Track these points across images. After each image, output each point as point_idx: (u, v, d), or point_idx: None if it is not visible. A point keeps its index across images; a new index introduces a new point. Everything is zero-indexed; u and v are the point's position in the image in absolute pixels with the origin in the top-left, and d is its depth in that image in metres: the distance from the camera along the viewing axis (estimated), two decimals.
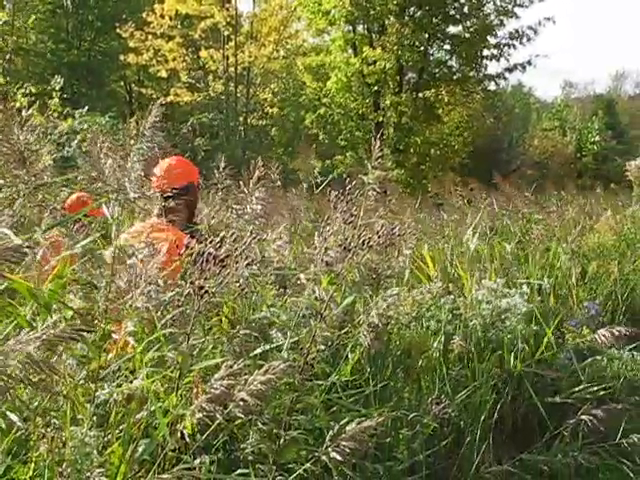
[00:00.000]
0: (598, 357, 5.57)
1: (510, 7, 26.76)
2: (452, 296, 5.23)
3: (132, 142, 3.03)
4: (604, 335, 5.62)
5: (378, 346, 3.64)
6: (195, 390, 2.58)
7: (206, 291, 2.63)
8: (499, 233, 7.68)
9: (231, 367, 2.39)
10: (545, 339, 5.25)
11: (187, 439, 2.57)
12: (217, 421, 2.44)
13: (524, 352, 5.06)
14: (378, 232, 2.95)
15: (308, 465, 2.75)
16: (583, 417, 4.40)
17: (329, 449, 2.61)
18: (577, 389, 5.06)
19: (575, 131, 53.30)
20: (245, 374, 2.43)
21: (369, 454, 3.33)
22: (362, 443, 2.59)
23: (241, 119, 32.32)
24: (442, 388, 4.27)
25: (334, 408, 3.32)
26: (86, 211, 3.41)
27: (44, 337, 2.04)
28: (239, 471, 2.87)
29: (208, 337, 2.96)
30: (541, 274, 6.77)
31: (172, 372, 2.73)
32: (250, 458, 2.94)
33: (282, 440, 2.89)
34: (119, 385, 2.76)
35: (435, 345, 4.59)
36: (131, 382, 2.75)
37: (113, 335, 2.79)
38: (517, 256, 7.07)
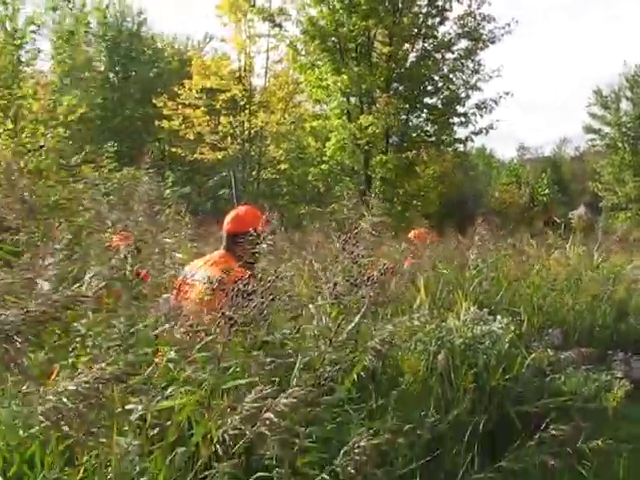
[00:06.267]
0: (557, 375, 5.48)
1: (474, 82, 27.04)
2: (438, 320, 5.12)
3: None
4: (564, 357, 5.55)
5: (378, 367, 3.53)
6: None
7: (235, 321, 2.53)
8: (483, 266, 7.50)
9: (260, 392, 2.29)
10: (515, 359, 5.17)
11: (217, 448, 2.45)
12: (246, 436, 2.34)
13: (496, 370, 4.94)
14: (380, 269, 2.89)
15: (324, 475, 2.63)
16: (550, 427, 4.26)
17: (343, 463, 2.49)
18: (541, 402, 4.96)
19: (528, 186, 53.45)
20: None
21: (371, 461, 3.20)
22: (371, 456, 2.48)
23: (255, 173, 32.37)
24: (429, 403, 4.14)
25: (340, 420, 3.20)
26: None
27: (90, 381, 1.93)
28: (259, 474, 2.76)
29: (236, 360, 2.84)
30: (516, 304, 6.70)
31: (204, 391, 2.62)
32: (268, 463, 2.82)
33: (296, 448, 2.77)
34: (156, 400, 2.65)
35: (423, 364, 4.47)
36: (166, 399, 2.63)
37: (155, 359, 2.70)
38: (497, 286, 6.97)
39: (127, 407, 2.61)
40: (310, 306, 3.18)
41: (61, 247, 3.49)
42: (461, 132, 27.59)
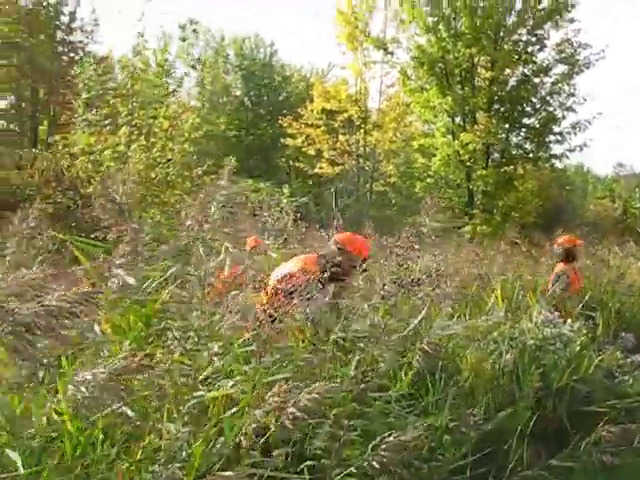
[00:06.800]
0: (626, 377, 5.08)
1: (569, 104, 26.17)
2: (511, 322, 4.84)
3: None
4: (631, 360, 5.16)
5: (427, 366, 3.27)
6: None
7: (275, 319, 2.36)
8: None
9: (282, 386, 2.10)
10: (583, 360, 4.82)
11: (241, 440, 2.27)
12: (272, 428, 2.15)
13: (564, 370, 4.60)
14: (425, 272, 2.66)
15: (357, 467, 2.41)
16: (607, 426, 3.89)
17: (370, 458, 2.26)
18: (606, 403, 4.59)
19: (622, 199, 51.56)
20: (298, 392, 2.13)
21: (420, 456, 2.93)
22: (400, 452, 2.24)
23: (367, 186, 32.36)
24: (489, 400, 3.83)
25: (392, 415, 2.97)
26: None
27: (107, 372, 1.80)
28: (307, 463, 2.58)
29: (278, 355, 2.65)
30: (592, 308, 6.36)
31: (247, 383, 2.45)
32: (317, 452, 2.63)
33: (342, 440, 2.56)
34: (209, 391, 2.50)
35: (490, 363, 4.18)
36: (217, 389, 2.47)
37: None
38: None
39: (184, 397, 2.48)
40: (365, 305, 2.98)
41: (143, 248, 3.41)
42: (557, 149, 26.79)
